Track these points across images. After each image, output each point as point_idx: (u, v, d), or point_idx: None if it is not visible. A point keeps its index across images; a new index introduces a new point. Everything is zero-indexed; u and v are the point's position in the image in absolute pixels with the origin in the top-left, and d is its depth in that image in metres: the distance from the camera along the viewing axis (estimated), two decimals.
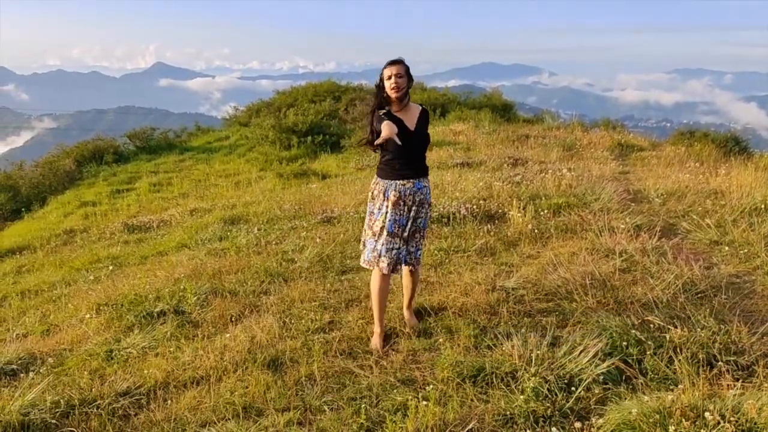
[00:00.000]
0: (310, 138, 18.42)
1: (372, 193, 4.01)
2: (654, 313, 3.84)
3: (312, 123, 19.18)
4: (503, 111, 22.45)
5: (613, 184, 8.81)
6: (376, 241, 3.87)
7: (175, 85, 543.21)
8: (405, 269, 4.01)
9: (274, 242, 7.16)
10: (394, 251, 3.82)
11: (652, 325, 3.63)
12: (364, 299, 4.72)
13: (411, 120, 3.83)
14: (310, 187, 11.66)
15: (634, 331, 3.47)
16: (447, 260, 5.63)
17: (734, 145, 15.11)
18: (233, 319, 4.65)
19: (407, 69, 3.80)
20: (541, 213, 6.98)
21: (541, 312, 4.19)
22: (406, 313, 4.24)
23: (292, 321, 4.39)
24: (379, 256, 3.83)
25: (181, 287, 5.34)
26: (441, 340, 3.80)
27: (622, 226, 6.10)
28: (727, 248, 5.69)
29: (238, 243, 7.27)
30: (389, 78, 3.75)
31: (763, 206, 6.85)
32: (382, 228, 3.85)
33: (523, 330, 3.83)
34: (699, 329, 3.55)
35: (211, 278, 5.82)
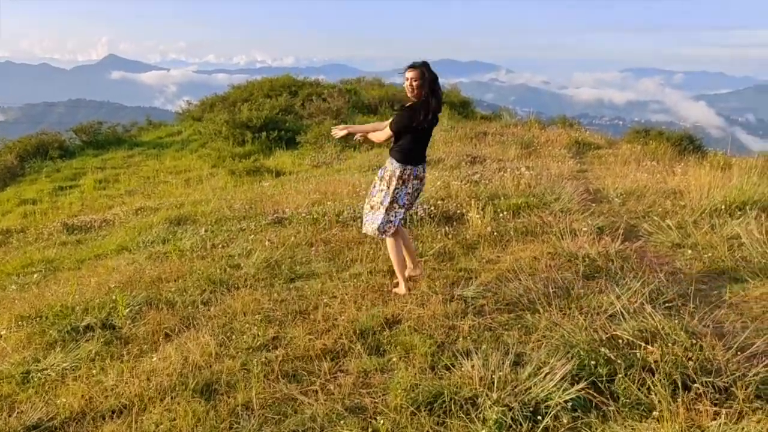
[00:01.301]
0: (264, 134, 17.90)
1: (397, 175, 4.40)
2: (622, 325, 3.59)
3: (267, 118, 18.65)
4: (461, 108, 22.33)
5: (572, 183, 8.64)
6: (387, 213, 4.46)
7: (128, 78, 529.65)
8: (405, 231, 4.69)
9: (220, 245, 6.72)
10: (401, 219, 4.56)
11: (620, 341, 3.37)
12: (312, 310, 4.35)
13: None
14: (263, 185, 11.20)
15: (603, 349, 3.20)
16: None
17: (689, 144, 15.25)
18: (168, 335, 4.22)
19: (422, 73, 4.22)
20: (501, 215, 6.73)
21: (503, 325, 3.89)
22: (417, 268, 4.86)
23: (233, 337, 3.99)
24: (394, 226, 4.51)
25: (113, 298, 4.87)
26: (395, 359, 3.46)
27: (584, 229, 5.87)
28: (690, 252, 5.52)
29: (181, 246, 6.81)
30: (407, 80, 4.26)
31: (723, 207, 6.74)
32: (392, 202, 4.45)
33: (483, 346, 3.52)
34: (670, 344, 3.30)
35: (148, 286, 5.37)
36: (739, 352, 3.24)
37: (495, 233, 6.08)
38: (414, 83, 4.21)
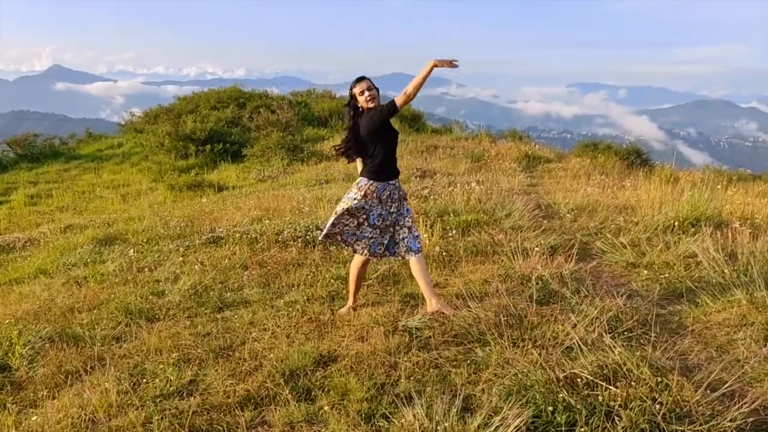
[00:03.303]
0: (209, 146, 17.23)
1: (365, 192, 4.22)
2: (580, 361, 3.24)
3: (212, 130, 17.99)
4: (412, 121, 22.15)
5: (522, 198, 8.39)
6: (356, 228, 4.28)
7: (73, 90, 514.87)
8: (411, 259, 4.32)
9: (147, 268, 6.16)
10: (372, 240, 4.30)
11: (580, 380, 3.01)
12: (238, 346, 3.87)
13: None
14: (202, 201, 10.60)
15: (561, 393, 2.83)
16: (344, 290, 4.88)
17: (636, 158, 15.36)
18: (70, 378, 3.68)
19: (371, 82, 4.23)
20: (450, 233, 6.37)
21: (450, 361, 3.49)
22: (433, 302, 4.22)
23: (143, 380, 3.48)
24: (357, 240, 4.31)
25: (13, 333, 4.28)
26: (327, 407, 3.01)
27: (536, 249, 5.56)
28: (645, 272, 5.26)
29: (103, 270, 6.21)
30: (362, 93, 4.15)
31: (676, 224, 6.55)
32: (365, 220, 4.26)
33: (428, 389, 3.11)
34: (634, 383, 2.96)
35: (58, 318, 4.79)
36: (709, 391, 2.93)
37: (444, 253, 5.72)
38: (371, 92, 4.15)
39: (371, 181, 4.21)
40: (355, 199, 4.22)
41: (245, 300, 4.84)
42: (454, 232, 6.38)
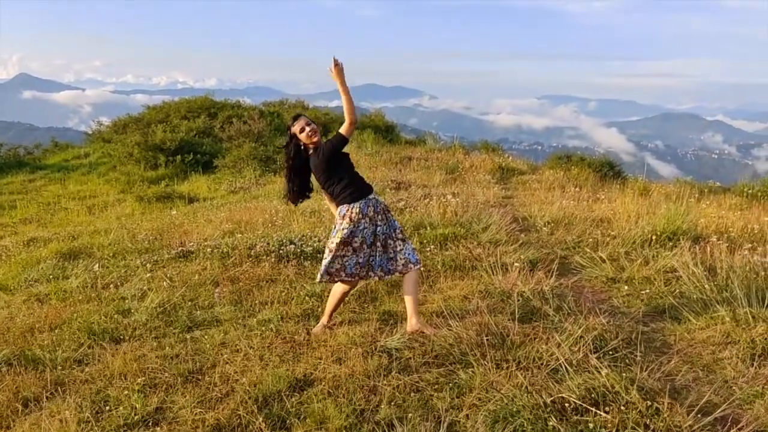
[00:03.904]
0: (179, 157, 16.91)
1: (350, 218, 4.07)
2: (567, 383, 3.12)
3: (182, 140, 17.66)
4: (386, 132, 22.08)
5: (499, 211, 8.33)
6: (357, 255, 4.10)
7: (40, 98, 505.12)
8: (410, 273, 4.20)
9: (113, 285, 5.90)
10: (374, 259, 4.16)
11: (568, 405, 2.89)
12: (208, 370, 3.67)
13: None
14: (172, 213, 10.32)
15: (550, 420, 2.70)
16: (320, 309, 4.70)
17: (609, 170, 15.45)
18: (29, 405, 3.44)
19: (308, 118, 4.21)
20: (428, 247, 6.25)
21: (432, 384, 3.34)
22: (414, 321, 4.10)
23: (106, 408, 3.26)
24: (362, 267, 4.13)
25: None
26: None
27: (516, 264, 5.45)
28: (626, 287, 5.20)
29: (67, 286, 5.94)
30: (302, 131, 4.13)
31: (653, 237, 6.52)
32: (362, 243, 4.09)
33: (410, 415, 2.96)
34: (623, 407, 2.85)
35: (17, 339, 4.52)
36: (701, 416, 2.83)
37: (421, 268, 5.58)
38: (311, 127, 4.14)
39: (351, 205, 4.09)
40: (343, 229, 4.07)
41: (216, 319, 4.64)
42: (432, 246, 6.25)
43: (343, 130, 3.99)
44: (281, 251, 6.15)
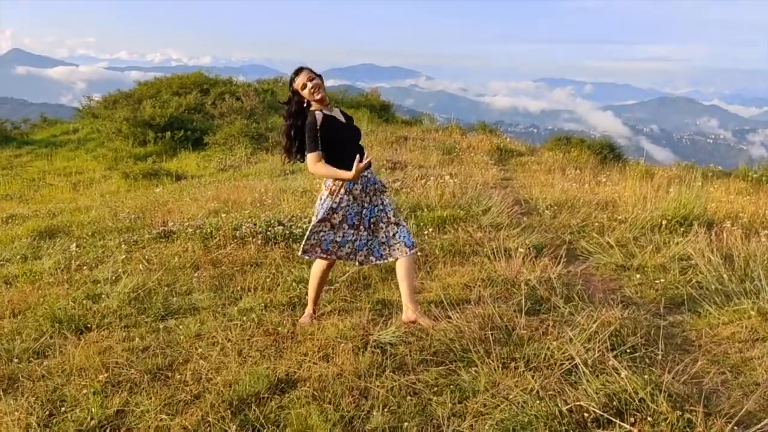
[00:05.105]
0: (169, 133, 16.42)
1: (330, 189, 3.72)
2: (584, 388, 2.75)
3: (172, 117, 17.16)
4: (381, 111, 21.63)
5: (499, 192, 7.94)
6: (335, 233, 3.74)
7: (34, 74, 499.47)
8: (404, 258, 3.80)
9: (87, 266, 5.50)
10: (357, 242, 3.79)
11: (587, 415, 2.52)
12: (179, 366, 3.28)
13: (339, 115, 3.83)
14: (156, 191, 9.89)
15: None
16: (307, 297, 4.31)
17: (609, 152, 15.08)
18: None
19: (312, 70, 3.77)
20: (425, 230, 5.86)
21: (431, 386, 2.96)
22: (409, 310, 3.74)
23: (61, 409, 2.87)
24: (339, 247, 3.77)
25: None
26: None
27: (520, 249, 5.07)
28: (638, 276, 4.82)
29: (38, 267, 5.54)
30: (304, 86, 3.69)
31: (663, 222, 6.15)
32: (341, 222, 3.73)
33: (406, 424, 2.59)
34: (650, 417, 2.48)
35: None
36: (737, 428, 2.47)
37: (419, 253, 5.20)
38: (315, 81, 3.69)
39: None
40: (323, 201, 3.74)
41: (193, 306, 4.24)
42: (430, 229, 5.86)
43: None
44: (269, 232, 5.75)
